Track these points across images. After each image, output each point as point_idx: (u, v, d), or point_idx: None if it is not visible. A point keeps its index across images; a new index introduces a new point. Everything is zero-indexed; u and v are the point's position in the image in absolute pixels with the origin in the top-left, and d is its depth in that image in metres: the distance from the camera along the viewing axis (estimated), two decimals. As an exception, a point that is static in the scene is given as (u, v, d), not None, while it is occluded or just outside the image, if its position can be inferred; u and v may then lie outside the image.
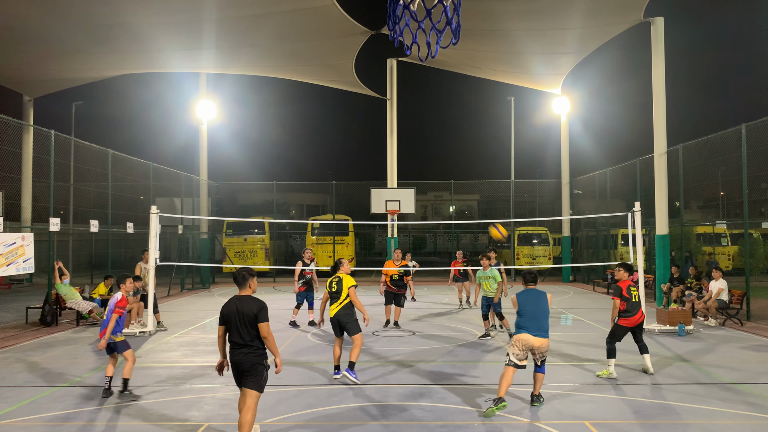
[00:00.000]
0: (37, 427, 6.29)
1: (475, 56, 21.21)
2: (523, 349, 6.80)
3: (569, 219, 24.83)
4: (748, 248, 14.66)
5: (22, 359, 9.70)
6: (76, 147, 17.63)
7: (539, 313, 6.89)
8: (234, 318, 5.44)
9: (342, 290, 8.16)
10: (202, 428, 6.23)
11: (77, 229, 24.63)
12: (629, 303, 8.30)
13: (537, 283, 7.35)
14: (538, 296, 7.06)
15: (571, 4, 16.01)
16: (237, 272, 5.69)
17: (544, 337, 6.82)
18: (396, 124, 24.57)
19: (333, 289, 8.24)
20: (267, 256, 27.28)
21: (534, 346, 6.79)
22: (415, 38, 7.21)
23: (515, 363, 6.76)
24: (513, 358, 6.77)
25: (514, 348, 6.82)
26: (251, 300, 5.52)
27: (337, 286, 8.22)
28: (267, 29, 17.19)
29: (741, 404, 6.95)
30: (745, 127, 13.58)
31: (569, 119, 25.76)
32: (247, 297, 5.57)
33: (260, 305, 5.46)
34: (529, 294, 7.10)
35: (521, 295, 7.14)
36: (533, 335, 6.78)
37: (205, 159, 24.68)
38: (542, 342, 6.81)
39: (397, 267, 12.50)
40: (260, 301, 5.51)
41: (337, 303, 8.18)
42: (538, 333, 6.79)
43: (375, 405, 6.96)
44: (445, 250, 34.83)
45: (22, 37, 16.37)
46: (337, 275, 8.31)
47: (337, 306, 8.16)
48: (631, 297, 8.30)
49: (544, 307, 6.96)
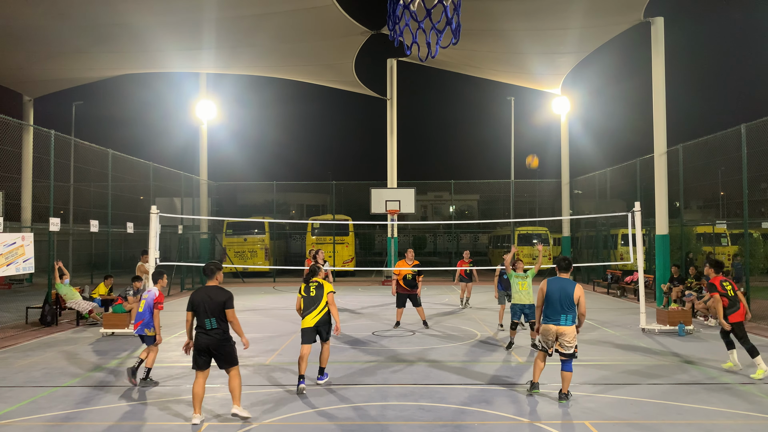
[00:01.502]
0: (37, 427, 6.29)
1: (475, 56, 21.21)
2: (550, 338, 7.00)
3: (569, 219, 24.83)
4: (748, 248, 14.65)
5: (22, 359, 9.70)
6: (76, 147, 17.63)
7: (565, 301, 6.89)
8: (203, 306, 6.28)
9: (322, 297, 7.62)
10: (202, 428, 6.23)
11: (77, 229, 24.64)
12: (729, 297, 8.40)
13: (570, 270, 7.22)
14: (566, 284, 6.99)
15: (571, 4, 16.01)
16: (206, 265, 6.56)
17: (569, 325, 6.89)
18: (396, 124, 24.58)
19: (312, 294, 7.64)
20: (267, 256, 27.28)
21: (558, 332, 6.90)
22: (415, 38, 7.21)
23: (543, 347, 7.07)
24: (541, 342, 7.10)
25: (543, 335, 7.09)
26: (219, 290, 6.38)
27: (316, 291, 7.65)
28: (267, 29, 17.20)
29: (741, 404, 6.95)
30: (745, 127, 13.58)
31: (569, 119, 25.77)
32: (215, 287, 6.43)
33: (228, 294, 6.36)
34: (558, 282, 7.03)
35: (551, 282, 7.07)
36: (557, 325, 6.91)
37: (205, 159, 24.69)
38: (566, 329, 6.87)
39: (410, 267, 12.25)
40: (228, 291, 6.41)
41: (317, 311, 7.58)
42: (564, 322, 6.90)
43: (375, 405, 6.95)
44: (445, 250, 34.84)
45: (22, 37, 16.37)
46: (316, 280, 7.76)
47: (318, 314, 7.58)
48: (727, 292, 8.41)
49: (570, 295, 6.92)
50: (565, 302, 6.89)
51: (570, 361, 6.98)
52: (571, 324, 6.91)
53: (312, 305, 7.62)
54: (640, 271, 12.18)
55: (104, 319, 12.08)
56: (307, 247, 27.43)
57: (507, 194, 28.15)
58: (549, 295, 6.97)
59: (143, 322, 8.09)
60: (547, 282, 7.07)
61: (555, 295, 6.93)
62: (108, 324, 11.87)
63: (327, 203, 34.76)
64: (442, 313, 15.04)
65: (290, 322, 13.41)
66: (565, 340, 6.88)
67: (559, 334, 6.88)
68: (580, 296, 7.00)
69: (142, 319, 8.09)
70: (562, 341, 6.90)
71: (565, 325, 6.88)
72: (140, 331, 8.10)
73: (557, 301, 6.91)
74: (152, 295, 8.17)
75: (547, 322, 6.98)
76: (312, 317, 7.59)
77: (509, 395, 7.35)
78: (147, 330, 8.08)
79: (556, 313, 6.91)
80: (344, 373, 8.45)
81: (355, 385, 7.83)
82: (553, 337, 6.94)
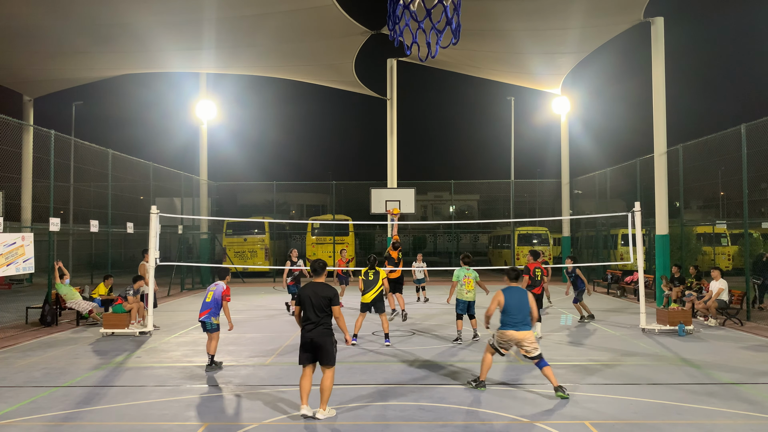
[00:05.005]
0: (37, 427, 6.29)
1: (475, 56, 21.21)
2: (508, 342, 7.41)
3: (569, 219, 24.83)
4: (748, 248, 14.64)
5: (22, 359, 9.70)
6: (76, 147, 17.62)
7: (522, 309, 7.38)
8: (309, 300, 6.56)
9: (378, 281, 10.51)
10: (202, 428, 6.23)
11: (77, 229, 24.62)
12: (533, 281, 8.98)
13: (519, 280, 7.80)
14: (522, 294, 7.50)
15: (571, 4, 16.00)
16: (313, 263, 6.82)
17: (527, 330, 7.34)
18: (396, 124, 24.57)
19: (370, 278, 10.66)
20: (267, 256, 27.28)
21: (518, 339, 7.31)
22: (415, 38, 7.21)
23: (497, 348, 7.44)
24: (496, 343, 7.46)
25: (501, 341, 7.45)
26: (325, 286, 6.65)
27: (374, 277, 10.58)
28: (267, 29, 17.19)
29: (741, 404, 6.95)
30: (745, 127, 13.58)
31: (569, 119, 25.76)
32: (321, 284, 6.71)
33: (334, 291, 6.66)
34: (514, 291, 7.51)
35: (506, 291, 7.50)
36: (517, 330, 7.31)
37: (205, 159, 24.69)
38: (526, 334, 7.32)
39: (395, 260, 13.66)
40: (333, 288, 6.68)
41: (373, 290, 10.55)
42: (519, 327, 7.32)
43: (375, 405, 6.95)
44: (445, 250, 34.83)
45: (22, 37, 16.36)
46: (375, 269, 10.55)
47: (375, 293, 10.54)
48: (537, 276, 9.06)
49: (526, 303, 7.43)
50: (523, 310, 7.37)
51: (541, 359, 7.33)
52: (529, 329, 7.38)
53: (369, 287, 10.45)
54: (640, 271, 12.18)
55: (104, 319, 12.07)
56: (308, 247, 27.46)
57: (507, 194, 28.15)
58: (508, 304, 7.38)
59: (210, 311, 8.72)
60: (504, 293, 7.47)
61: (514, 304, 7.38)
62: (108, 324, 11.87)
63: (327, 203, 34.77)
64: (443, 313, 15.03)
65: (290, 322, 13.41)
66: (526, 346, 7.30)
67: (519, 340, 7.30)
68: (532, 303, 7.57)
69: (209, 309, 8.72)
70: (526, 348, 7.32)
71: (524, 331, 7.33)
72: (207, 318, 8.71)
73: (516, 309, 7.36)
74: (220, 288, 8.82)
75: (507, 328, 7.36)
76: (370, 295, 10.47)
77: (509, 395, 7.35)
78: (213, 318, 8.75)
79: (516, 321, 7.34)
80: (344, 373, 8.45)
81: (356, 385, 7.83)
82: (513, 342, 7.36)
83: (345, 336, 6.95)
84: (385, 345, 10.53)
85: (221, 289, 8.84)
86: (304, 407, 6.51)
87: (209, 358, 8.83)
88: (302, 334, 6.58)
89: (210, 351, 8.83)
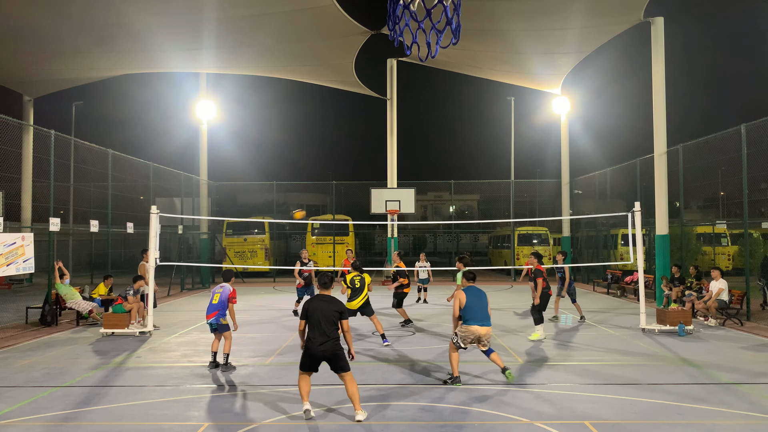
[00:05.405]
0: (37, 427, 6.29)
1: (475, 56, 21.21)
2: (472, 338, 7.82)
3: (569, 219, 24.83)
4: (748, 248, 14.64)
5: (22, 359, 9.70)
6: (76, 147, 17.62)
7: (483, 306, 7.89)
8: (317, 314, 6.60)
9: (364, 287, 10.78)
10: (202, 428, 6.23)
11: (77, 229, 24.63)
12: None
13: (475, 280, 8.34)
14: (480, 292, 8.00)
15: (571, 4, 16.01)
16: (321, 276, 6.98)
17: (489, 326, 7.90)
18: (396, 124, 24.58)
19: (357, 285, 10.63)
20: (267, 256, 27.28)
21: (481, 334, 7.81)
22: (415, 38, 7.21)
23: (460, 345, 7.85)
24: (460, 341, 7.83)
25: (464, 336, 7.81)
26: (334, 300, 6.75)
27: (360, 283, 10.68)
28: (267, 29, 17.20)
29: (741, 404, 6.95)
30: (745, 127, 13.57)
31: (569, 119, 25.76)
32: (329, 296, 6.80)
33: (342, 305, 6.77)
34: (473, 290, 8.00)
35: (467, 291, 7.96)
36: (480, 325, 7.79)
37: (205, 159, 24.69)
38: (488, 330, 7.88)
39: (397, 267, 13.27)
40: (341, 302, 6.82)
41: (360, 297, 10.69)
42: (483, 323, 7.82)
43: (375, 405, 6.95)
44: (445, 250, 34.84)
45: (22, 37, 16.37)
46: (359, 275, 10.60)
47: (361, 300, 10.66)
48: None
49: (485, 301, 7.96)
50: (483, 307, 7.89)
51: (489, 348, 8.00)
52: (490, 325, 7.91)
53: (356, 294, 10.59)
54: (640, 271, 12.18)
55: (104, 319, 12.07)
56: (308, 246, 27.44)
57: (507, 194, 28.14)
58: (470, 303, 7.84)
59: (218, 313, 8.90)
60: (465, 293, 7.92)
61: (476, 302, 7.87)
62: (108, 324, 11.87)
63: (327, 203, 34.76)
64: (443, 313, 15.04)
65: (290, 322, 13.41)
66: (486, 339, 7.89)
67: (482, 335, 7.81)
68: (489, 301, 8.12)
69: (217, 311, 8.90)
70: (483, 341, 7.88)
71: (488, 326, 7.87)
72: (216, 320, 8.89)
73: (477, 306, 7.85)
74: (227, 290, 9.00)
75: (472, 323, 7.79)
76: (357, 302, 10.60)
77: (509, 395, 7.36)
78: (222, 319, 8.94)
79: (479, 317, 7.82)
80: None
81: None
82: (475, 337, 7.81)
83: (350, 350, 6.82)
84: (384, 345, 10.53)
85: (228, 291, 8.98)
86: (306, 404, 6.54)
87: (224, 357, 8.86)
88: (312, 347, 6.47)
89: (225, 350, 8.92)
